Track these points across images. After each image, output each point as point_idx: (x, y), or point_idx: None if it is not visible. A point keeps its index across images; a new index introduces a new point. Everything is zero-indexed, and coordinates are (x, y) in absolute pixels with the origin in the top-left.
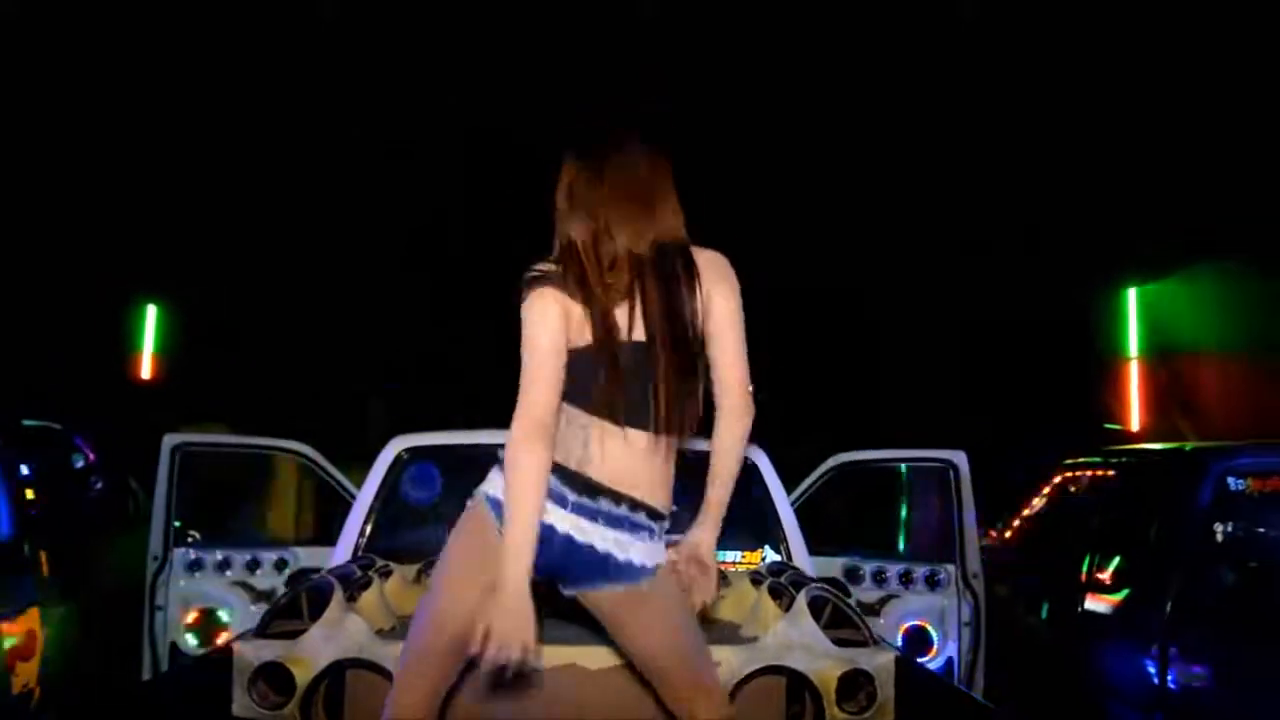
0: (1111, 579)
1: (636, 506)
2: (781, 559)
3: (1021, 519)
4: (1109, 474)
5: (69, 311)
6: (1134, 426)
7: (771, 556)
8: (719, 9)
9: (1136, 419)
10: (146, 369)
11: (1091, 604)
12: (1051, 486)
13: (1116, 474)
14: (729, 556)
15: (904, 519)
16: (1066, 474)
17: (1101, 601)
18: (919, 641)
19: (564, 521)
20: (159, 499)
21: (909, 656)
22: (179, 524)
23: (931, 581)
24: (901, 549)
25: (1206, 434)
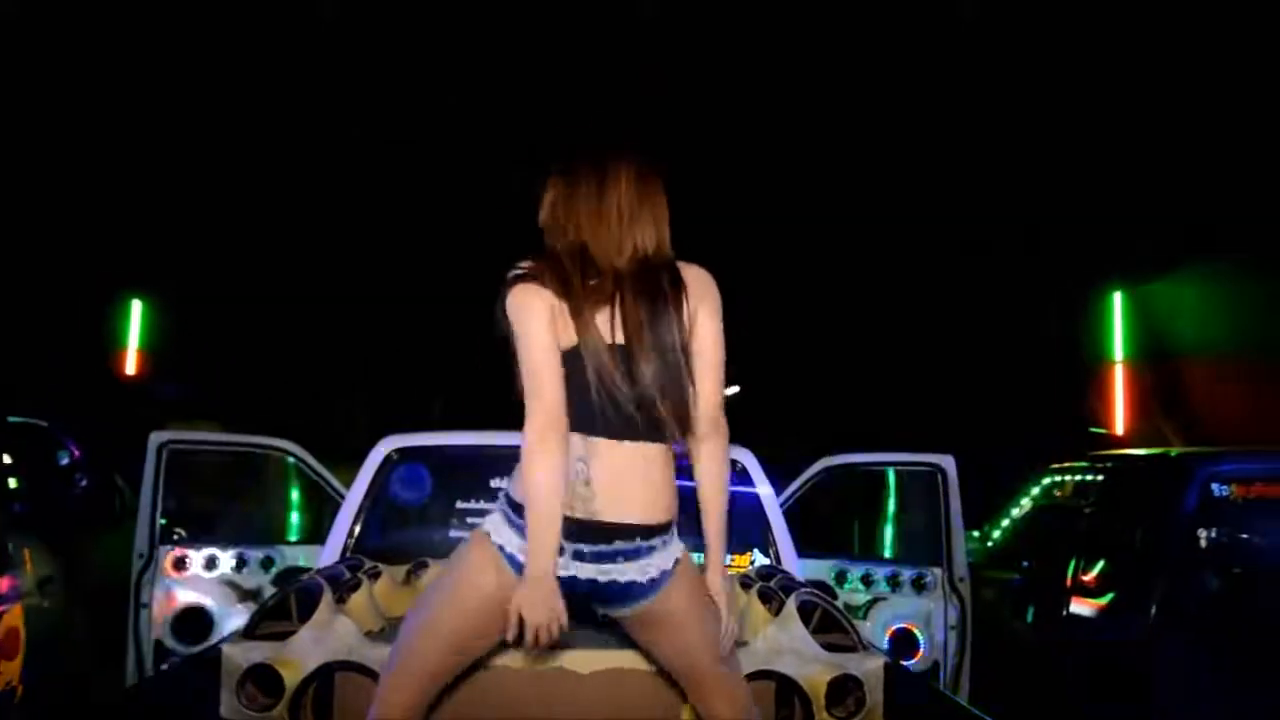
0: (1096, 583)
1: (649, 533)
2: (770, 562)
3: (1008, 523)
4: (1095, 478)
5: (54, 306)
6: (1119, 430)
7: (760, 559)
8: (719, 9)
9: (1122, 423)
10: (132, 365)
11: (1077, 607)
12: (1038, 490)
13: (1102, 478)
14: None
15: (891, 522)
16: (1052, 478)
17: (1087, 605)
18: (905, 644)
19: (585, 570)
20: (145, 496)
21: (895, 659)
22: (164, 522)
23: (918, 584)
24: (889, 552)
25: (1191, 438)
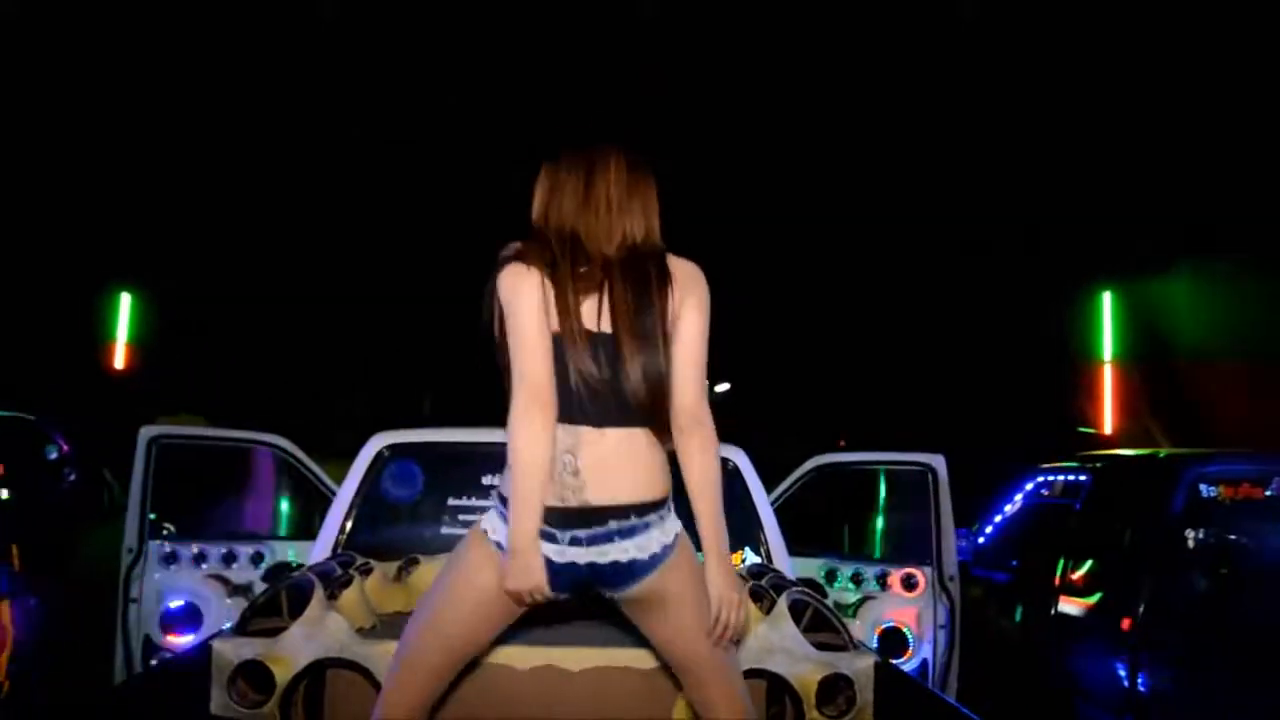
0: (1084, 582)
1: (643, 510)
2: (762, 560)
3: (997, 522)
4: (1083, 479)
5: (41, 299)
6: (1107, 430)
7: (752, 558)
8: (719, 9)
9: (1110, 423)
10: (120, 359)
11: (1065, 607)
12: (1027, 490)
13: (1091, 479)
14: None
15: (881, 521)
16: (1042, 478)
17: (1075, 604)
18: (895, 643)
19: (583, 555)
20: (134, 492)
21: (885, 658)
22: (154, 517)
23: (908, 584)
24: (879, 551)
25: (1179, 439)
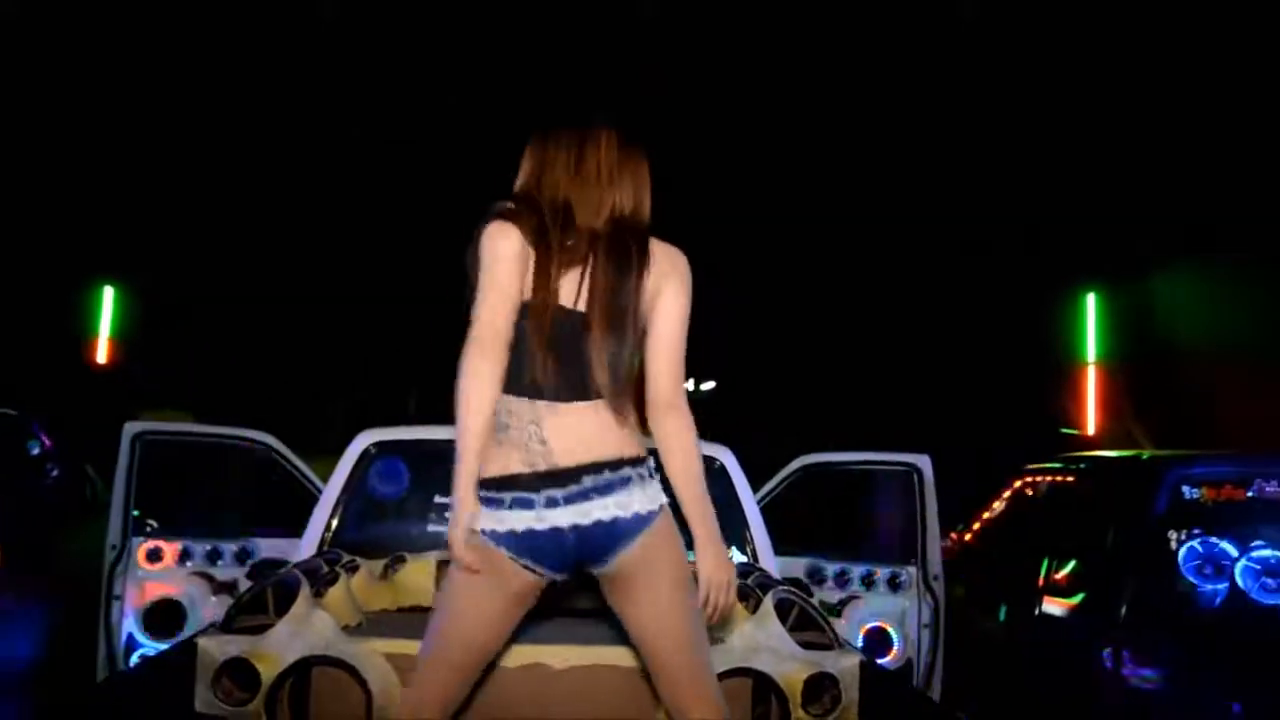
0: (1068, 583)
1: (617, 465)
2: (748, 559)
3: (981, 523)
4: (1067, 480)
5: (23, 293)
6: (1090, 431)
7: (738, 557)
8: (719, 9)
9: (1093, 424)
10: (103, 353)
11: (1048, 607)
12: (1011, 491)
13: (1074, 480)
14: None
15: (866, 521)
16: (1026, 479)
17: (1058, 605)
18: (879, 642)
19: (564, 517)
20: (118, 488)
21: (870, 657)
22: (137, 513)
23: (893, 583)
24: (864, 551)
25: (1162, 440)
